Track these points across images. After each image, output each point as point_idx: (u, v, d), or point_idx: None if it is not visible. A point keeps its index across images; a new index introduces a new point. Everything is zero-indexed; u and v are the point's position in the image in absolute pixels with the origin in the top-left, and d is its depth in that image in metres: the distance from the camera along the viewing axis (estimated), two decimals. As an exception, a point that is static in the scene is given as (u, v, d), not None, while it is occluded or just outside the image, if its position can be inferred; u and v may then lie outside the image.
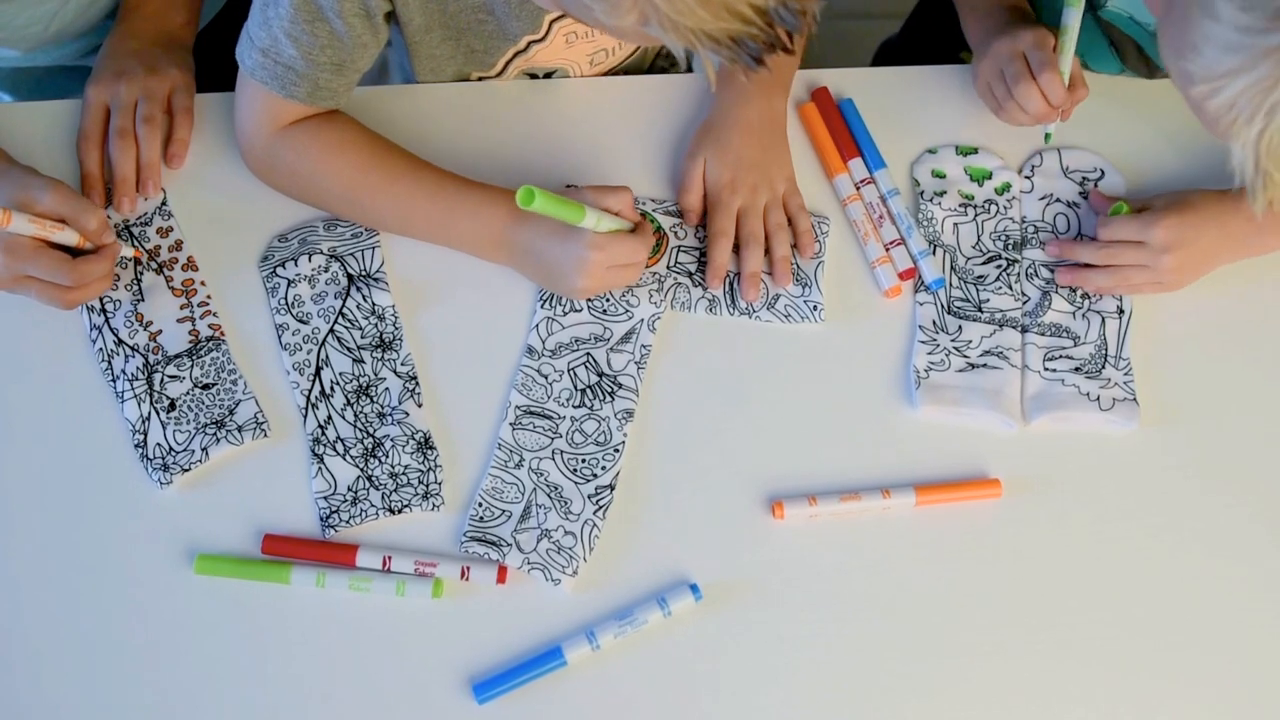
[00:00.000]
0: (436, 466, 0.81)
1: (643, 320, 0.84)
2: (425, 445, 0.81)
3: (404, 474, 0.80)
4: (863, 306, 0.88)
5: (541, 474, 0.80)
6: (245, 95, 0.83)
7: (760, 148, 0.87)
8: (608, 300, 0.84)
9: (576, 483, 0.80)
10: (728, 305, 0.87)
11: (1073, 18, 0.82)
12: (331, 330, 0.85)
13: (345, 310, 0.85)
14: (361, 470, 0.81)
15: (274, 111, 0.82)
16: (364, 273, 0.87)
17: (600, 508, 0.79)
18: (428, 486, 0.80)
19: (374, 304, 0.86)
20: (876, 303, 0.88)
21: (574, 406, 0.82)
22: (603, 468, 0.81)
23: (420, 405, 0.83)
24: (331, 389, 0.83)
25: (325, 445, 0.81)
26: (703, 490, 0.81)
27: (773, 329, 0.87)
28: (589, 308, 0.84)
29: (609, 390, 0.82)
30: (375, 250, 0.88)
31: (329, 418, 0.82)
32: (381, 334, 0.85)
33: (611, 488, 0.81)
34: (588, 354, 0.83)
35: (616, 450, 0.81)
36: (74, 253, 0.78)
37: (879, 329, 0.87)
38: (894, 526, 0.80)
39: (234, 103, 0.85)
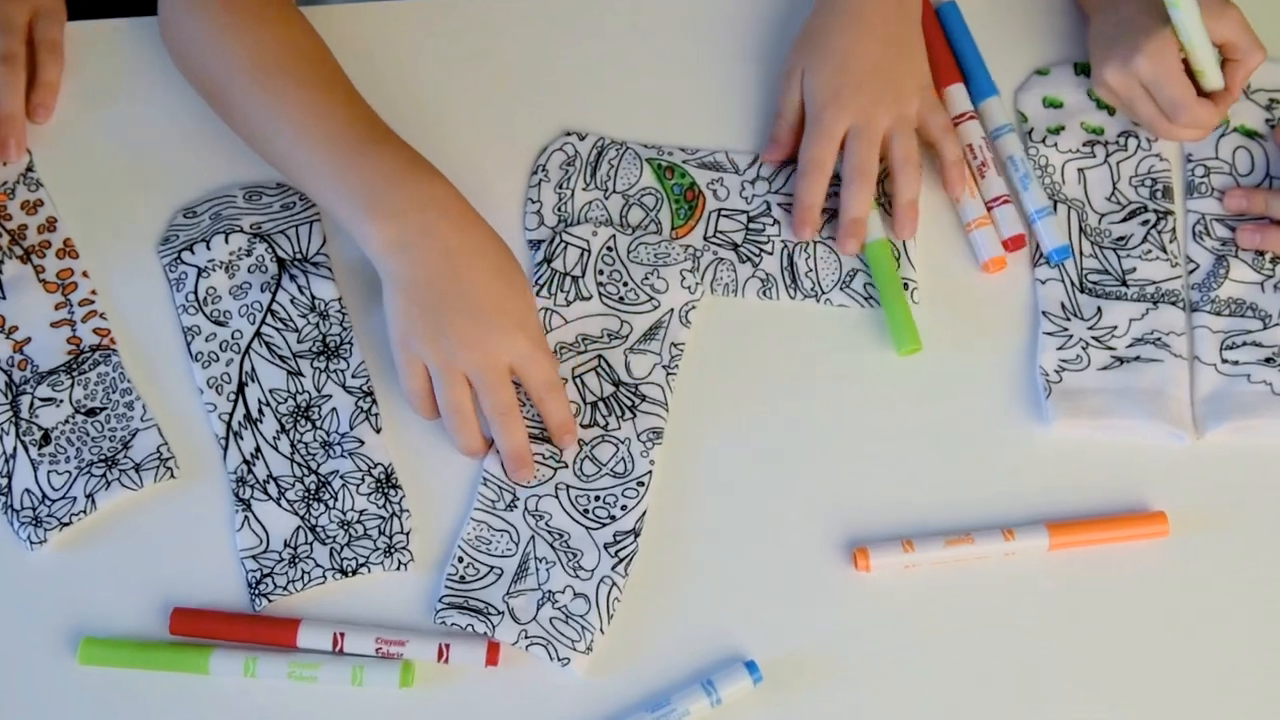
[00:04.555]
0: (402, 512, 0.81)
1: (673, 311, 0.85)
2: (386, 483, 0.81)
3: (359, 523, 0.80)
4: (967, 286, 0.87)
5: (542, 517, 0.81)
6: None
7: (880, 47, 0.87)
8: (624, 285, 0.85)
9: (589, 528, 0.80)
10: (787, 284, 0.87)
11: (1185, 11, 0.82)
12: (258, 334, 0.84)
13: (276, 306, 0.85)
14: (302, 519, 0.80)
15: None
16: (299, 255, 0.86)
17: (621, 560, 0.80)
18: (391, 538, 0.80)
19: (314, 297, 0.85)
20: (983, 281, 0.88)
21: (582, 426, 0.82)
22: (622, 507, 0.81)
23: (379, 430, 0.83)
24: (260, 412, 0.83)
25: (253, 487, 0.81)
26: (759, 535, 0.81)
27: (848, 317, 0.86)
28: (601, 294, 0.84)
29: (629, 403, 0.83)
30: (314, 226, 0.87)
31: (257, 450, 0.82)
32: (325, 337, 0.84)
33: (635, 534, 0.81)
34: (600, 356, 0.84)
35: (640, 483, 0.82)
36: None
37: (991, 317, 0.87)
38: (1020, 579, 0.80)
39: None
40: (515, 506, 0.80)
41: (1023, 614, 0.79)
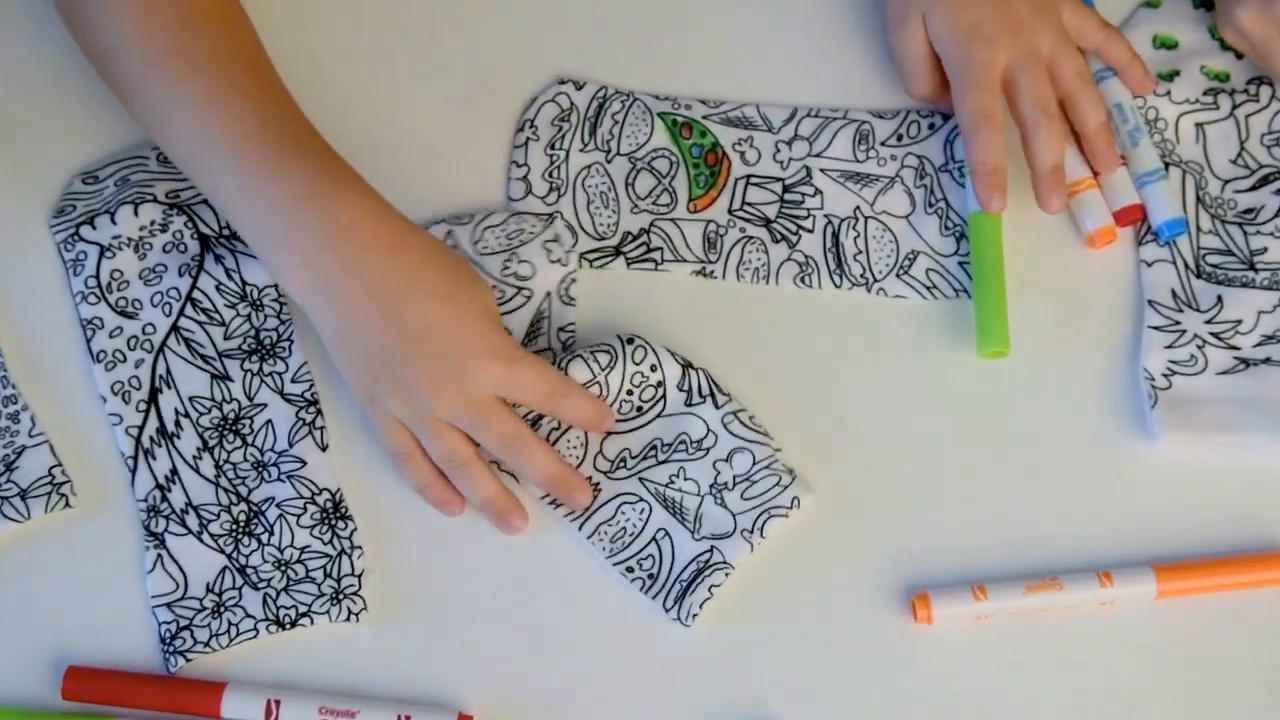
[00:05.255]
0: (353, 549, 0.79)
1: (549, 294, 0.84)
2: (334, 513, 0.80)
3: (299, 562, 0.79)
4: (1053, 267, 0.85)
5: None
6: None
7: None
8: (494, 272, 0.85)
9: (610, 553, 0.80)
10: (831, 269, 0.85)
11: None
12: (175, 328, 0.83)
13: (197, 294, 0.84)
14: (229, 558, 0.79)
15: None
16: (226, 231, 0.85)
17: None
18: (339, 581, 0.78)
19: (244, 283, 0.84)
20: (1074, 259, 0.86)
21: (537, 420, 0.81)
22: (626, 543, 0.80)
23: (324, 448, 0.81)
24: (177, 425, 0.82)
25: (168, 518, 0.80)
26: (794, 577, 0.79)
27: (906, 310, 0.85)
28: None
29: (551, 422, 0.82)
30: None
31: (173, 472, 0.81)
32: (258, 332, 0.84)
33: (640, 571, 0.78)
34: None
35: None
36: None
37: (1082, 306, 0.85)
38: (1120, 634, 0.78)
39: None
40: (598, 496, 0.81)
41: (1123, 678, 0.77)
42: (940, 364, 0.84)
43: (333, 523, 0.79)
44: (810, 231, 0.86)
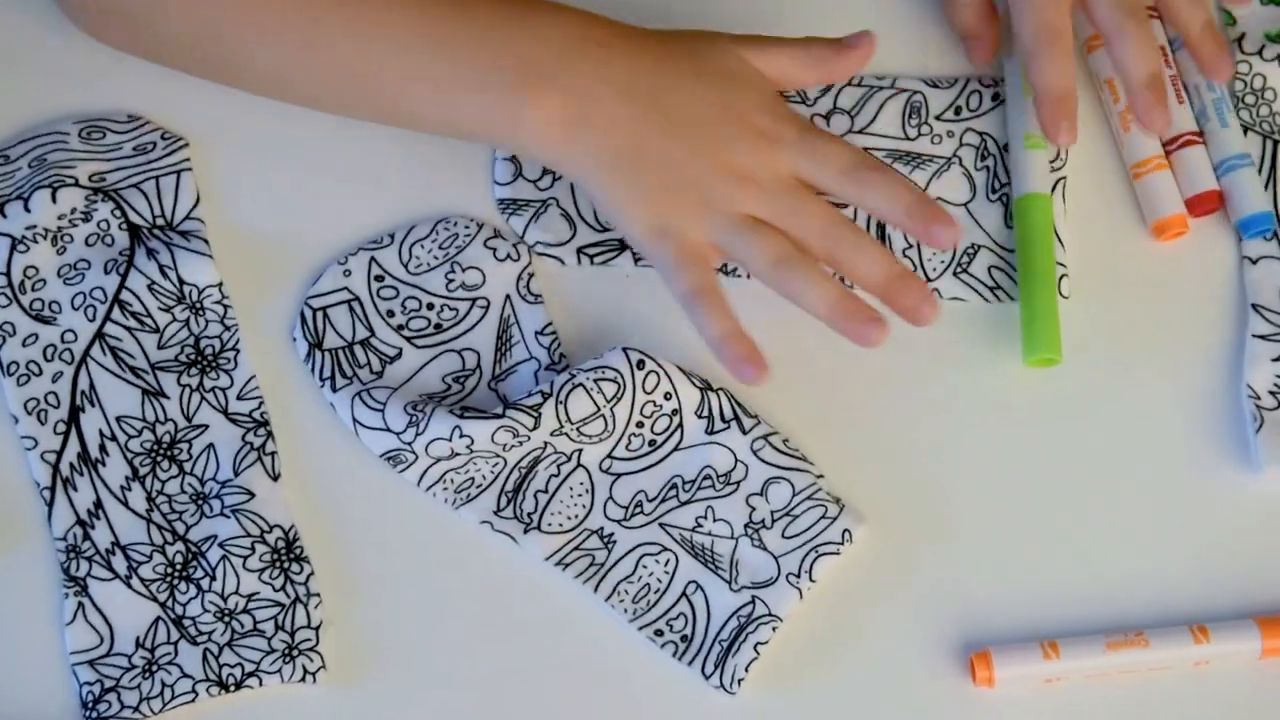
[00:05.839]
0: (310, 596, 0.75)
1: (508, 297, 0.82)
2: (287, 554, 0.77)
3: (246, 612, 0.76)
4: (1132, 261, 0.82)
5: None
6: None
7: None
8: (430, 307, 0.82)
9: (634, 615, 0.76)
10: None
11: None
12: (100, 335, 0.81)
13: (127, 296, 0.82)
14: (164, 607, 0.76)
15: None
16: (160, 221, 0.82)
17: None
18: (292, 635, 0.75)
19: (182, 282, 0.82)
20: (1156, 255, 0.83)
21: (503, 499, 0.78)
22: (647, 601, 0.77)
23: (276, 477, 0.78)
24: (102, 450, 0.79)
25: (91, 560, 0.77)
26: (830, 630, 0.76)
27: (965, 316, 0.82)
28: (410, 339, 0.81)
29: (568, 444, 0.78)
30: (182, 177, 0.84)
31: (97, 505, 0.78)
32: (198, 340, 0.81)
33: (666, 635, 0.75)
34: (464, 409, 0.79)
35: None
36: None
37: (1170, 311, 0.82)
38: (1218, 699, 0.75)
39: None
40: (613, 543, 0.77)
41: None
42: (1004, 380, 0.81)
43: (285, 565, 0.77)
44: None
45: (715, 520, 0.77)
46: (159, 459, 0.79)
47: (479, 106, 0.77)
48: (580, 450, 0.79)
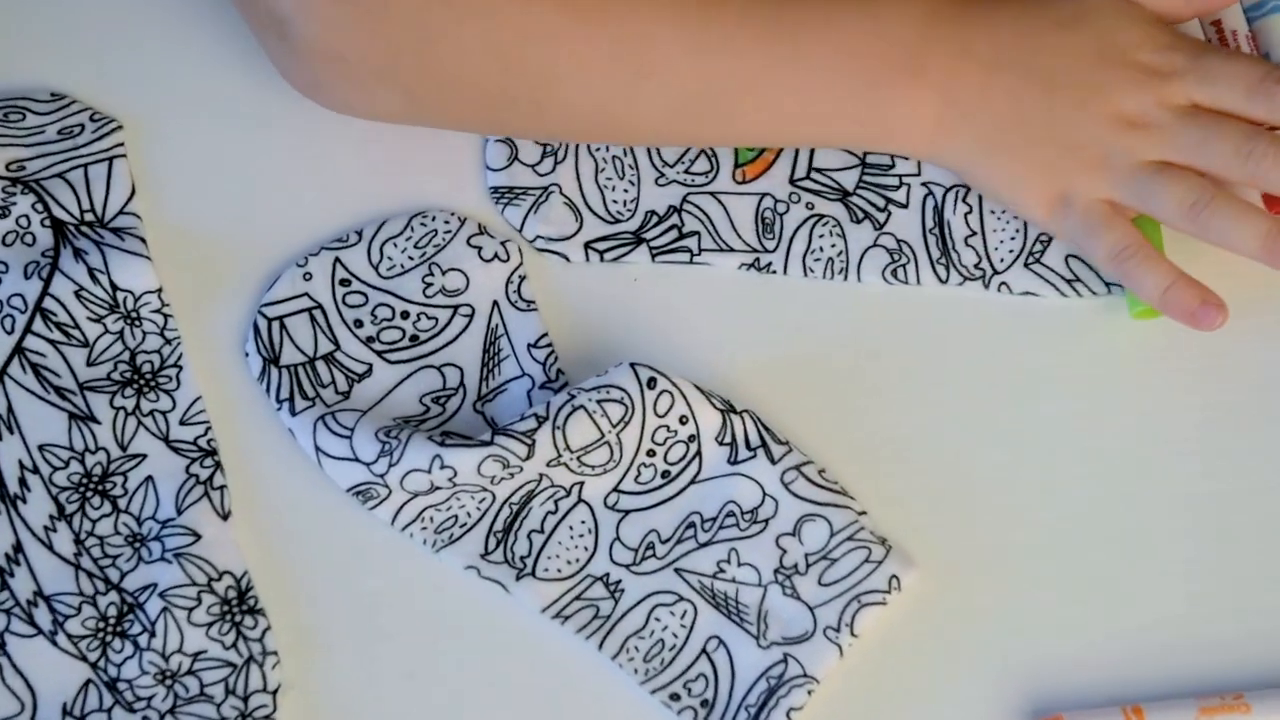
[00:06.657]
0: (266, 654, 0.71)
1: (495, 304, 0.80)
2: (239, 605, 0.73)
3: (192, 673, 0.71)
4: (1228, 268, 0.76)
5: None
6: None
7: None
8: (405, 316, 0.79)
9: (646, 676, 0.72)
10: (934, 257, 0.78)
11: None
12: (20, 350, 0.77)
13: (51, 304, 0.78)
14: (95, 668, 0.72)
15: None
16: (89, 217, 0.80)
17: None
18: (246, 701, 0.71)
19: (115, 288, 0.78)
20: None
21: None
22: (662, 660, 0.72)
23: (226, 515, 0.74)
24: (22, 484, 0.76)
25: (9, 613, 0.73)
26: (880, 687, 0.72)
27: (1038, 313, 0.77)
28: (382, 354, 0.78)
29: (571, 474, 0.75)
30: (115, 165, 0.81)
31: (16, 549, 0.74)
32: (134, 356, 0.78)
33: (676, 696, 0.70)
34: (445, 434, 0.76)
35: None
36: None
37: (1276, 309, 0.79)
38: None
39: None
40: (619, 594, 0.74)
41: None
42: (1086, 389, 0.77)
43: (237, 619, 0.72)
44: (904, 206, 0.79)
45: (740, 565, 0.73)
46: (89, 494, 0.74)
47: (842, 119, 0.76)
48: (581, 483, 0.74)
